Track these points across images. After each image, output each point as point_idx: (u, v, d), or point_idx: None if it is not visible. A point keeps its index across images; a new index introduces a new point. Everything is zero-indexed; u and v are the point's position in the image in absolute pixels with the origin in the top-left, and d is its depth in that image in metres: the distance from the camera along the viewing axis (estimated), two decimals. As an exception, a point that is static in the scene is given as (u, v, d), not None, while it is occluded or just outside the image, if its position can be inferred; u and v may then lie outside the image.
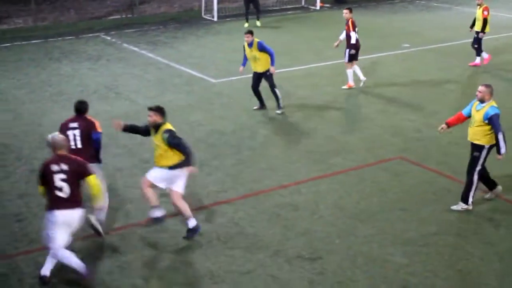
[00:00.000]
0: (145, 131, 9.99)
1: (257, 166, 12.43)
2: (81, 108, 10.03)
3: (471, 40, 19.43)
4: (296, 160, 12.71)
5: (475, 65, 19.30)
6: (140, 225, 10.13)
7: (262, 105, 15.55)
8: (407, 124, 14.66)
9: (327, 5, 30.61)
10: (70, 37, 23.94)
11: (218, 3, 27.48)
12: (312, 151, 13.17)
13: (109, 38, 23.72)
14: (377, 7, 30.48)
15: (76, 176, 8.50)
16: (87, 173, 8.59)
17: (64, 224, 8.46)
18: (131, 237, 9.87)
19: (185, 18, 27.40)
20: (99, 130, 9.94)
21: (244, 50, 15.25)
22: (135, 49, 21.58)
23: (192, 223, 9.73)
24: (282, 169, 12.30)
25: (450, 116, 11.11)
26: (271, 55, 14.84)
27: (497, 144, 10.23)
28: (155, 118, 9.53)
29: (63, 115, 15.09)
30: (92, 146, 9.82)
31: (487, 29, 18.88)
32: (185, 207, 9.66)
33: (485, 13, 18.56)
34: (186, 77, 18.36)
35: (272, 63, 14.90)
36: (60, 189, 8.41)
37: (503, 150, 10.20)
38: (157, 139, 9.54)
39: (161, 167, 9.60)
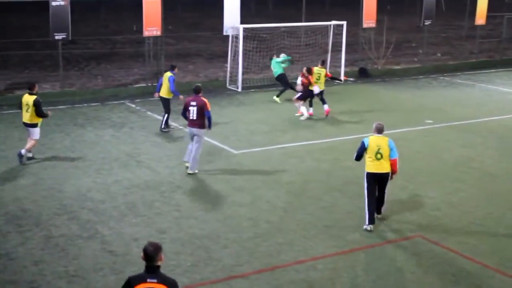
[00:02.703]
0: None
1: (274, 240, 12.32)
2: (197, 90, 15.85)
3: (493, 118, 19.86)
4: (313, 235, 12.59)
5: None
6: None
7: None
8: (427, 201, 14.53)
9: (351, 79, 30.86)
10: (96, 104, 24.31)
11: (243, 74, 27.83)
12: (330, 226, 13.06)
13: (133, 105, 24.05)
14: (401, 82, 30.67)
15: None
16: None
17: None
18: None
19: (210, 88, 27.70)
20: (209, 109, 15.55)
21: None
22: (159, 117, 21.74)
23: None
24: (299, 244, 12.19)
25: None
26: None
27: None
28: None
29: (84, 181, 15.29)
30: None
31: None
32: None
33: None
34: (207, 147, 18.45)
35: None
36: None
37: None
38: None
39: None
